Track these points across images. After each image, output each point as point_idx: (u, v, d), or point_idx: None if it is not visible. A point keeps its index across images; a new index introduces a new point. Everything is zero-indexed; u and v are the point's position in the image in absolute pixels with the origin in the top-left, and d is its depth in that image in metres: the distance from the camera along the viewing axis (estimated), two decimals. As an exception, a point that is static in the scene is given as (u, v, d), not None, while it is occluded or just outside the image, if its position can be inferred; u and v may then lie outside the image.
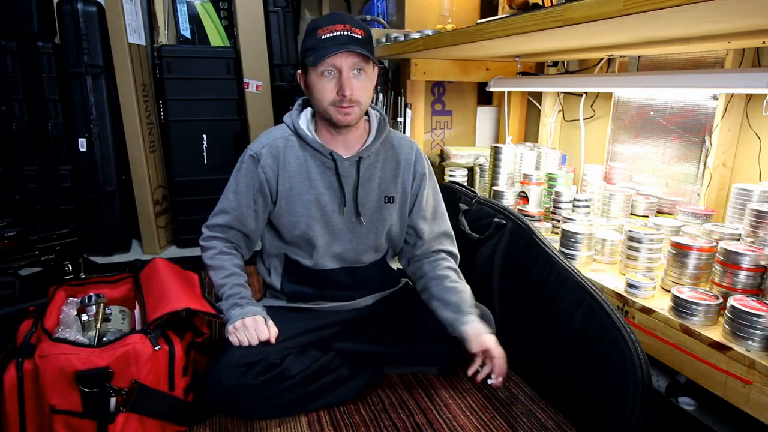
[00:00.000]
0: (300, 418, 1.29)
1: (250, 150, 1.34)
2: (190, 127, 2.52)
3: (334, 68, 1.21)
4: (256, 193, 1.34)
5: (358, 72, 1.23)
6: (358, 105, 1.25)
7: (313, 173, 1.33)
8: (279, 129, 1.37)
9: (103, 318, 1.26)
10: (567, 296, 1.30)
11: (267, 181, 1.33)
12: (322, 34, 1.20)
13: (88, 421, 1.08)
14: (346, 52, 1.19)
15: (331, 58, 1.19)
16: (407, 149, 1.43)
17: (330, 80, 1.22)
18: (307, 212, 1.34)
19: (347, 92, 1.21)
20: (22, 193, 2.37)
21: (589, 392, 1.23)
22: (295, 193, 1.33)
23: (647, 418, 1.10)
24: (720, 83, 1.44)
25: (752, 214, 1.31)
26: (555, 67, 2.36)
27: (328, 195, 1.34)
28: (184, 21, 2.71)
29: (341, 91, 1.21)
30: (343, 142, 1.34)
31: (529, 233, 1.49)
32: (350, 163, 1.34)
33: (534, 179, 2.02)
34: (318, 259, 1.38)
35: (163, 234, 2.62)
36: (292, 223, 1.34)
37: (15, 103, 2.28)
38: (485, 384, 1.44)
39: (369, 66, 1.26)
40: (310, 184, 1.33)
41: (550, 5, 1.40)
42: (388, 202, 1.40)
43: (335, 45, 1.18)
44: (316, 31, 1.21)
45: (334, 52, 1.18)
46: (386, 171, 1.39)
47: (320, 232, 1.35)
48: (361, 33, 1.22)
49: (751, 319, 1.06)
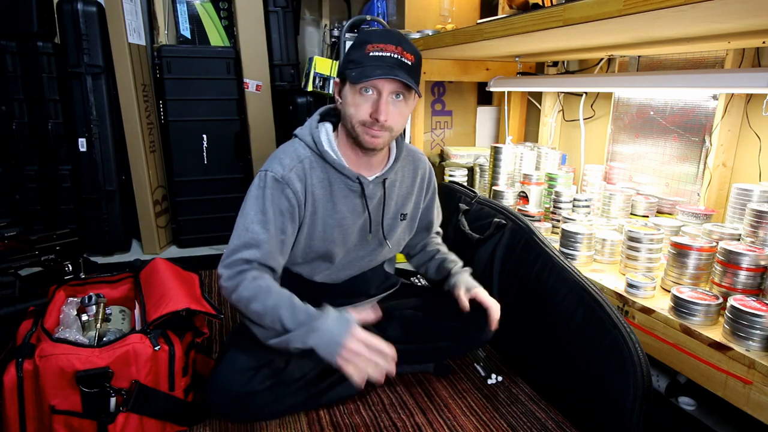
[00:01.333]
0: (300, 418, 1.29)
1: (272, 172, 1.19)
2: (190, 127, 2.53)
3: (374, 89, 1.14)
4: (286, 221, 1.19)
5: (397, 97, 1.16)
6: (390, 132, 1.18)
7: (337, 196, 1.25)
8: (300, 148, 1.25)
9: (103, 318, 1.26)
10: (567, 296, 1.30)
11: (298, 206, 1.21)
12: (371, 50, 1.12)
13: (88, 421, 1.08)
14: (390, 78, 1.11)
15: (374, 80, 1.12)
16: (422, 166, 1.41)
17: (366, 99, 1.15)
18: (329, 236, 1.27)
19: (381, 117, 1.13)
20: (22, 193, 2.37)
21: (589, 392, 1.22)
22: (318, 218, 1.25)
23: (647, 418, 1.10)
24: (720, 83, 1.44)
25: (752, 214, 1.31)
26: (555, 67, 2.36)
27: (350, 218, 1.28)
28: (184, 21, 2.71)
29: (375, 114, 1.14)
30: (368, 163, 1.27)
31: (529, 233, 1.49)
32: (375, 185, 1.28)
33: (534, 179, 2.02)
34: (329, 274, 1.36)
35: (163, 234, 2.62)
36: (311, 246, 1.27)
37: (15, 103, 2.29)
38: (485, 384, 1.45)
39: (410, 94, 1.18)
40: (334, 208, 1.26)
41: (550, 5, 1.40)
42: (402, 219, 1.39)
43: (382, 67, 1.11)
44: (366, 46, 1.13)
45: (379, 76, 1.10)
46: (403, 188, 1.37)
47: (339, 253, 1.31)
48: (411, 59, 1.14)
49: (751, 319, 1.06)
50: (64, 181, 2.39)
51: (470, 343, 1.44)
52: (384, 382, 1.43)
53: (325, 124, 1.28)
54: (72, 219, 2.42)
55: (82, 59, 2.26)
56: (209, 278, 2.23)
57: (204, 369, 1.36)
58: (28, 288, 1.72)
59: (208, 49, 2.62)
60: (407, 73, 1.13)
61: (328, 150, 1.24)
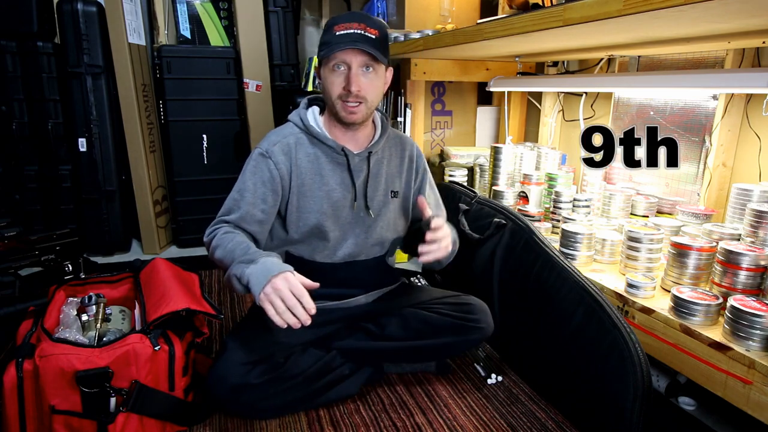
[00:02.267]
0: (300, 418, 1.29)
1: (259, 148, 1.33)
2: (190, 127, 2.53)
3: (344, 63, 1.24)
4: (267, 191, 1.30)
5: (367, 69, 1.26)
6: (365, 102, 1.27)
7: (325, 169, 1.34)
8: (287, 127, 1.37)
9: (103, 318, 1.26)
10: (567, 296, 1.30)
11: (281, 178, 1.31)
12: (337, 30, 1.23)
13: (88, 421, 1.08)
14: (355, 49, 1.21)
15: (341, 53, 1.22)
16: (409, 146, 1.49)
17: (339, 75, 1.25)
18: (319, 208, 1.34)
19: (353, 88, 1.23)
20: (22, 193, 2.37)
21: (589, 392, 1.22)
22: (306, 190, 1.33)
23: (647, 418, 1.10)
24: (720, 83, 1.44)
25: (752, 214, 1.31)
26: (555, 67, 2.36)
27: (339, 191, 1.35)
28: (184, 21, 2.71)
29: (348, 86, 1.24)
30: (353, 138, 1.37)
31: (529, 233, 1.49)
32: (361, 159, 1.37)
33: (534, 179, 2.02)
34: (327, 253, 1.38)
35: (163, 234, 2.62)
36: (303, 219, 1.34)
37: (15, 103, 2.28)
38: (485, 384, 1.45)
39: (380, 66, 1.28)
40: (322, 180, 1.34)
41: (550, 5, 1.40)
42: (393, 196, 1.44)
43: (346, 41, 1.21)
44: (333, 27, 1.24)
45: (343, 48, 1.21)
46: (391, 167, 1.44)
47: (331, 227, 1.36)
48: (374, 33, 1.24)
49: (751, 319, 1.06)
50: (64, 181, 2.39)
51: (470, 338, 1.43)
52: (384, 381, 1.44)
53: (313, 107, 1.41)
54: (72, 219, 2.42)
55: (82, 59, 2.26)
56: (209, 278, 2.23)
57: (204, 369, 1.36)
58: (28, 288, 1.72)
59: (208, 49, 2.62)
60: (372, 45, 1.22)
61: (314, 125, 1.35)
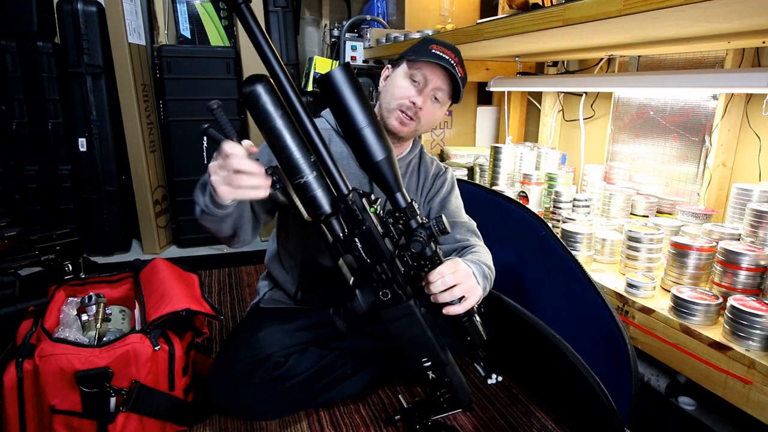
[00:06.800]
0: (300, 418, 1.29)
1: None
2: (190, 127, 2.53)
3: (423, 79, 1.22)
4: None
5: (435, 99, 1.25)
6: (417, 122, 1.25)
7: (353, 168, 1.27)
8: (319, 122, 1.31)
9: (103, 318, 1.26)
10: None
11: None
12: (434, 48, 1.22)
13: (88, 421, 1.08)
14: (444, 69, 1.20)
15: (429, 66, 1.20)
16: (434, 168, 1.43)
17: (412, 85, 1.23)
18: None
19: (419, 102, 1.21)
20: (22, 193, 2.37)
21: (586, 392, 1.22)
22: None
23: (644, 418, 1.10)
24: (720, 83, 1.44)
25: (752, 214, 1.31)
26: (555, 67, 2.36)
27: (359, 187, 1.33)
28: (184, 21, 2.71)
29: (415, 99, 1.22)
30: None
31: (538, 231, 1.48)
32: None
33: (534, 179, 2.02)
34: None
35: (163, 234, 2.62)
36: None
37: (15, 103, 2.28)
38: (485, 384, 1.45)
39: (447, 102, 1.27)
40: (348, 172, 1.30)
41: (550, 5, 1.40)
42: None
43: (440, 60, 1.20)
44: (430, 44, 1.23)
45: (436, 63, 1.19)
46: (410, 184, 1.40)
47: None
48: (461, 72, 1.24)
49: (751, 319, 1.06)
50: (64, 181, 2.39)
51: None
52: (384, 383, 1.44)
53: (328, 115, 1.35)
54: (72, 219, 2.42)
55: (82, 59, 2.26)
56: (209, 278, 2.23)
57: (204, 369, 1.36)
58: (28, 288, 1.72)
59: (208, 49, 2.62)
60: (457, 80, 1.22)
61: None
